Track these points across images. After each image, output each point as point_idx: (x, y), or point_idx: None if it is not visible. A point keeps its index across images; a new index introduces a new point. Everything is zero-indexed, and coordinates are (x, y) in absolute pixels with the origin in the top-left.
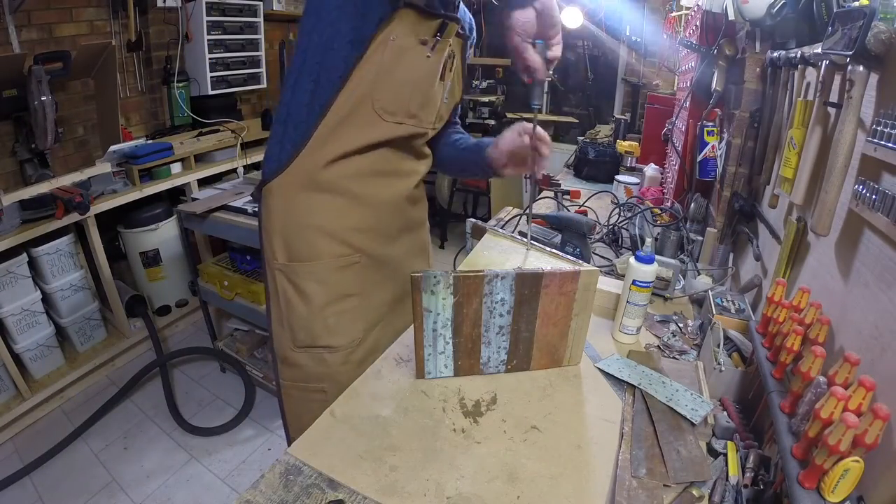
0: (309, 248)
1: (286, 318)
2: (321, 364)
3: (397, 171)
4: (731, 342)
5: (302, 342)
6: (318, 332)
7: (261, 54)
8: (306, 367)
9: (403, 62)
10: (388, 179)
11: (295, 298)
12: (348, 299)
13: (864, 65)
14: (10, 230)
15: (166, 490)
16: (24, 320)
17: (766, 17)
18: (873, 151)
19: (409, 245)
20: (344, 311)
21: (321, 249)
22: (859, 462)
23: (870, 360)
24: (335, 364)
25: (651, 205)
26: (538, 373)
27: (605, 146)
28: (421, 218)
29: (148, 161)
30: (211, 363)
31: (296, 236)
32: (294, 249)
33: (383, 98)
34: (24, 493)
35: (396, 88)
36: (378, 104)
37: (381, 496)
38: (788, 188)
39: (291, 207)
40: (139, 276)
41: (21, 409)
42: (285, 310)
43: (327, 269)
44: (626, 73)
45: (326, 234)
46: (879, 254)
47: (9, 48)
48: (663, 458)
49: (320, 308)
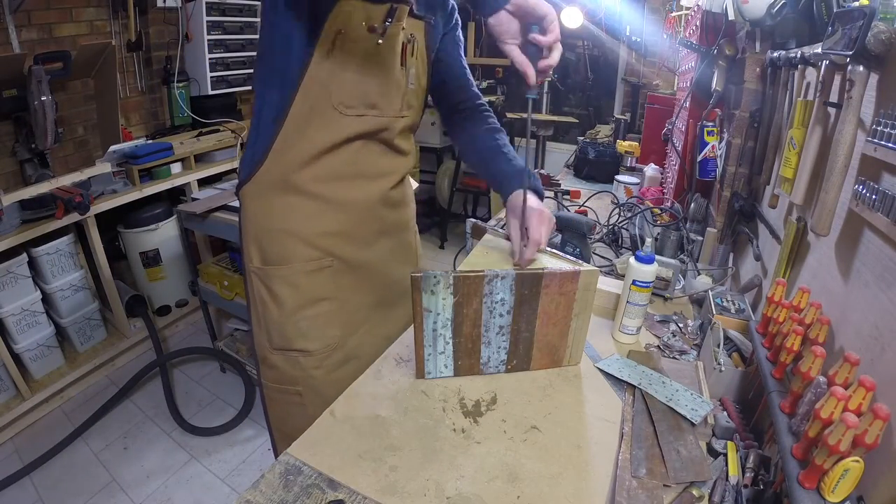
0: (280, 251)
1: (262, 319)
2: (296, 367)
3: (370, 172)
4: (731, 342)
5: (277, 344)
6: (292, 336)
7: None
8: (282, 368)
9: (354, 53)
10: (361, 182)
11: (269, 301)
12: (321, 303)
13: (864, 65)
14: (10, 230)
15: (166, 490)
16: (24, 320)
17: (766, 17)
18: (873, 151)
19: (388, 249)
20: (317, 316)
21: (292, 253)
22: (859, 462)
23: (870, 360)
24: (309, 367)
25: (651, 205)
26: (538, 373)
27: (605, 146)
28: (402, 221)
29: (148, 161)
30: (211, 363)
31: (268, 240)
32: (267, 253)
33: (340, 92)
34: (24, 493)
35: (352, 81)
36: (335, 99)
37: (381, 496)
38: (788, 188)
39: (264, 211)
40: (139, 276)
41: (21, 409)
42: (261, 312)
43: (298, 273)
44: (626, 73)
45: (297, 238)
46: (879, 254)
47: (9, 48)
48: (663, 458)
49: (292, 312)
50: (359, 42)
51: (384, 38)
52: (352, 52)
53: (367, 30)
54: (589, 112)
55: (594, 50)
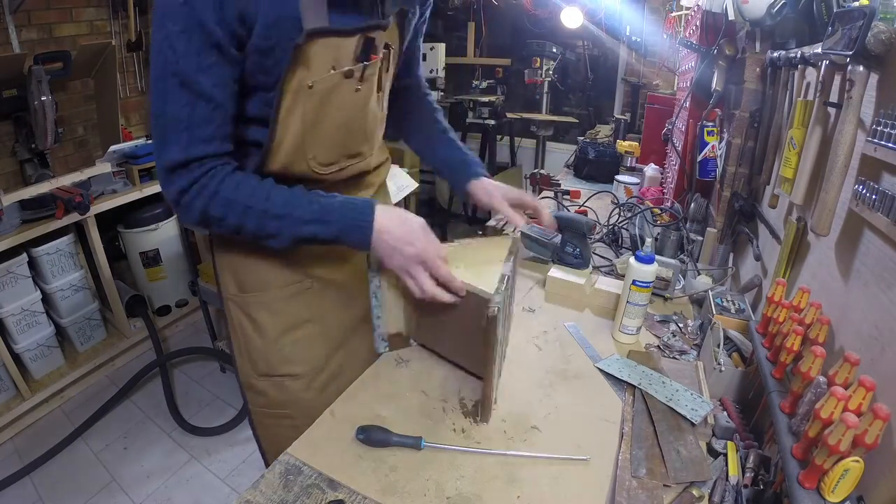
0: (257, 277)
1: (244, 347)
2: (283, 392)
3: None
4: (731, 342)
5: (262, 371)
6: (276, 362)
7: None
8: (270, 394)
9: (330, 107)
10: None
11: (249, 329)
12: (304, 326)
13: (864, 65)
14: (10, 230)
15: (166, 490)
16: (24, 320)
17: (766, 17)
18: (873, 151)
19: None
20: (300, 339)
21: (269, 280)
22: (859, 462)
23: (870, 360)
24: (297, 391)
25: (651, 205)
26: (538, 373)
27: (605, 146)
28: None
29: (148, 161)
30: (211, 363)
31: (242, 268)
32: (243, 281)
33: (316, 152)
34: (24, 493)
35: (329, 137)
36: (313, 161)
37: (381, 496)
38: (788, 188)
39: (234, 241)
40: (139, 276)
41: (21, 409)
42: (242, 339)
43: (277, 298)
44: (626, 73)
45: (272, 265)
46: (879, 254)
47: (9, 48)
48: (663, 458)
49: (275, 339)
50: (333, 93)
51: (363, 83)
52: (326, 106)
53: (343, 77)
54: (589, 112)
55: (594, 50)
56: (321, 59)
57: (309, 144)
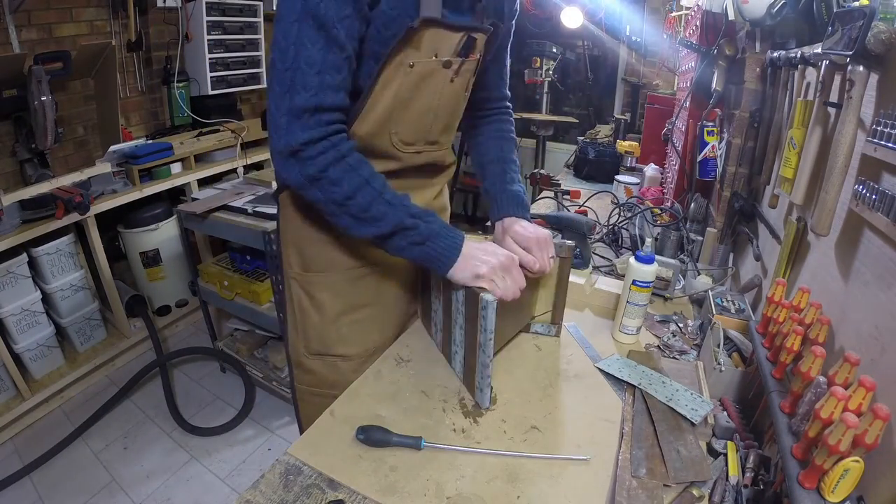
0: (322, 259)
1: (300, 325)
2: (334, 371)
3: (415, 185)
4: (731, 342)
5: (315, 350)
6: (332, 342)
7: (261, 54)
8: (320, 373)
9: (424, 90)
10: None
11: (309, 307)
12: (362, 309)
13: (864, 65)
14: (10, 230)
15: (166, 490)
16: (24, 320)
17: (766, 17)
18: (873, 151)
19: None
20: (357, 321)
21: (335, 261)
22: (859, 462)
23: (870, 360)
24: (348, 372)
25: (651, 205)
26: (538, 372)
27: (605, 146)
28: None
29: (148, 161)
30: (211, 363)
31: (309, 247)
32: (308, 260)
33: (401, 130)
34: (24, 493)
35: (416, 118)
36: (396, 137)
37: (381, 496)
38: (788, 188)
39: (305, 219)
40: (139, 276)
41: (21, 409)
42: (300, 317)
43: (341, 280)
44: (626, 73)
45: (340, 247)
46: (879, 254)
47: (9, 48)
48: (663, 458)
49: (334, 318)
50: (429, 78)
51: (458, 75)
52: (421, 89)
53: (442, 65)
54: (589, 112)
55: (594, 50)
56: (427, 45)
57: (395, 120)
